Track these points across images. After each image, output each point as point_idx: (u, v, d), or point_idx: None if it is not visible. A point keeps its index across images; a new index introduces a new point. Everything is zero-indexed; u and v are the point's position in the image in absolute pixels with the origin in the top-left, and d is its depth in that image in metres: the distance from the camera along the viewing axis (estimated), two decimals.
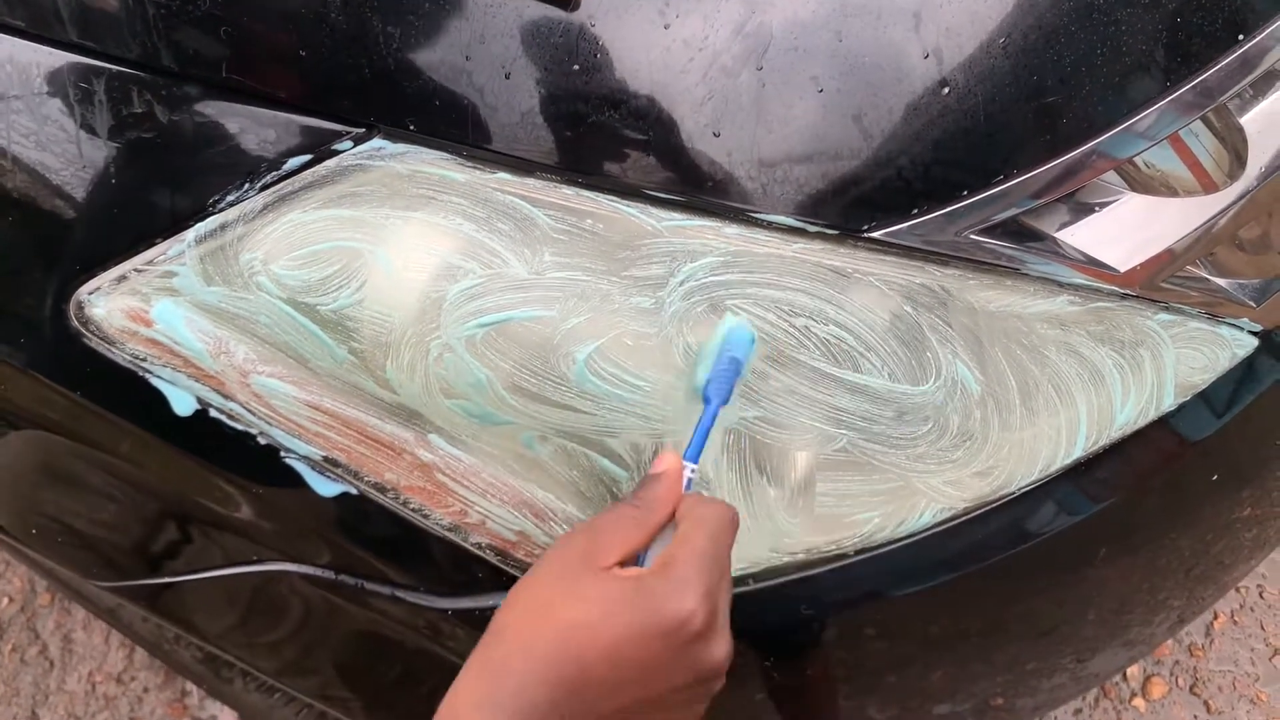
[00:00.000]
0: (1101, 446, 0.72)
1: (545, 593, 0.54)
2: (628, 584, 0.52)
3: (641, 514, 0.57)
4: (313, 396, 0.65)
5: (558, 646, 0.51)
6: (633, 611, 0.51)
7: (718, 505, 0.57)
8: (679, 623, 0.51)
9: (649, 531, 0.56)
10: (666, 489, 0.58)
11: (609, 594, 0.52)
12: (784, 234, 0.64)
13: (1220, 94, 0.67)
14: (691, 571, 0.53)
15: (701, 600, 0.52)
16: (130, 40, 0.62)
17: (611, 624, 0.51)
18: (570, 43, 0.61)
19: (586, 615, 0.51)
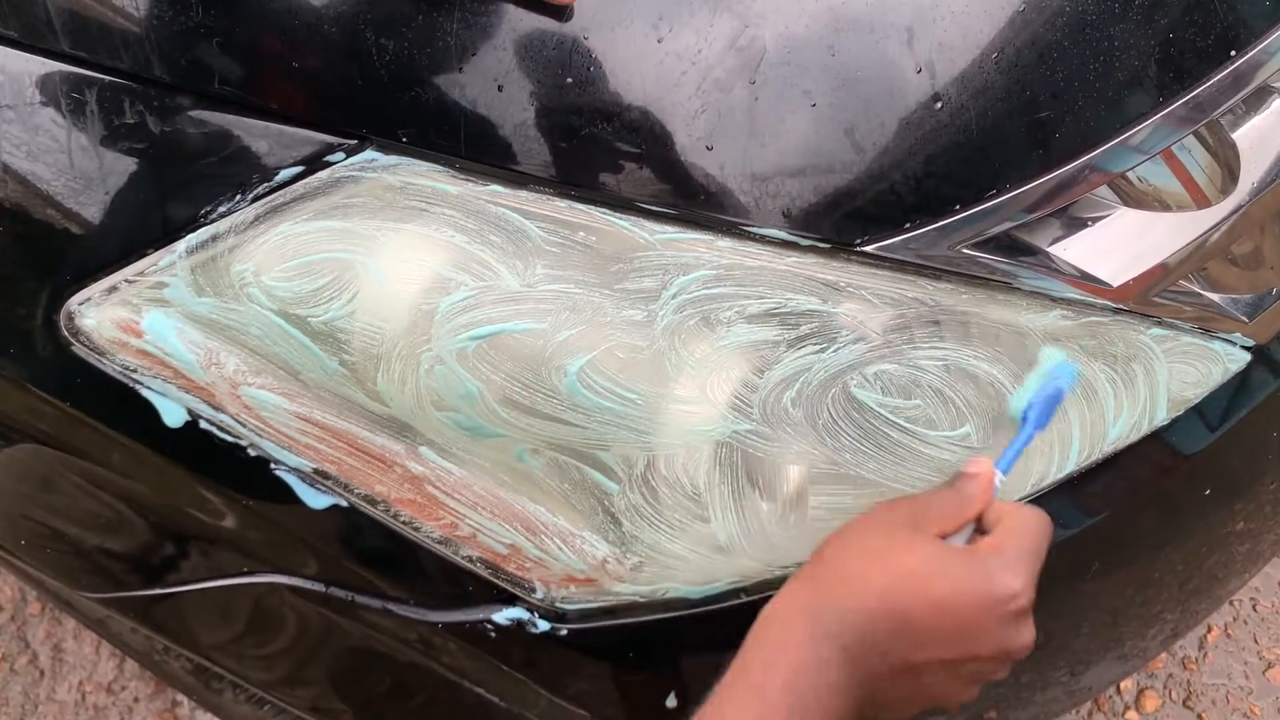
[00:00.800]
0: (1094, 461, 0.72)
1: (880, 538, 0.57)
2: (964, 552, 0.56)
3: (961, 502, 0.60)
4: (303, 408, 0.65)
5: (892, 585, 0.54)
6: (967, 574, 0.55)
7: (1040, 513, 0.59)
8: (1007, 596, 0.54)
9: (964, 520, 0.59)
10: (981, 487, 0.61)
11: (944, 554, 0.56)
12: (776, 247, 0.64)
13: (1213, 109, 0.67)
14: (1021, 558, 0.56)
15: (1029, 583, 0.55)
16: (122, 51, 0.62)
17: (944, 579, 0.54)
18: (563, 55, 0.61)
19: (923, 566, 0.55)
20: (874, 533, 0.58)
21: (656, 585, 0.68)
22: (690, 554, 0.67)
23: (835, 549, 0.58)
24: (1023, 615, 0.55)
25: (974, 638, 0.55)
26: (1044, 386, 0.66)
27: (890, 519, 0.59)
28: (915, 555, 0.55)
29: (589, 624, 0.70)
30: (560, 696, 0.74)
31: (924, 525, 0.58)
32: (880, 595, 0.54)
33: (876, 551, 0.56)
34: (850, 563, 0.56)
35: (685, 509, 0.66)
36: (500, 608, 0.70)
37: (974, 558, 0.56)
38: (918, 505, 0.59)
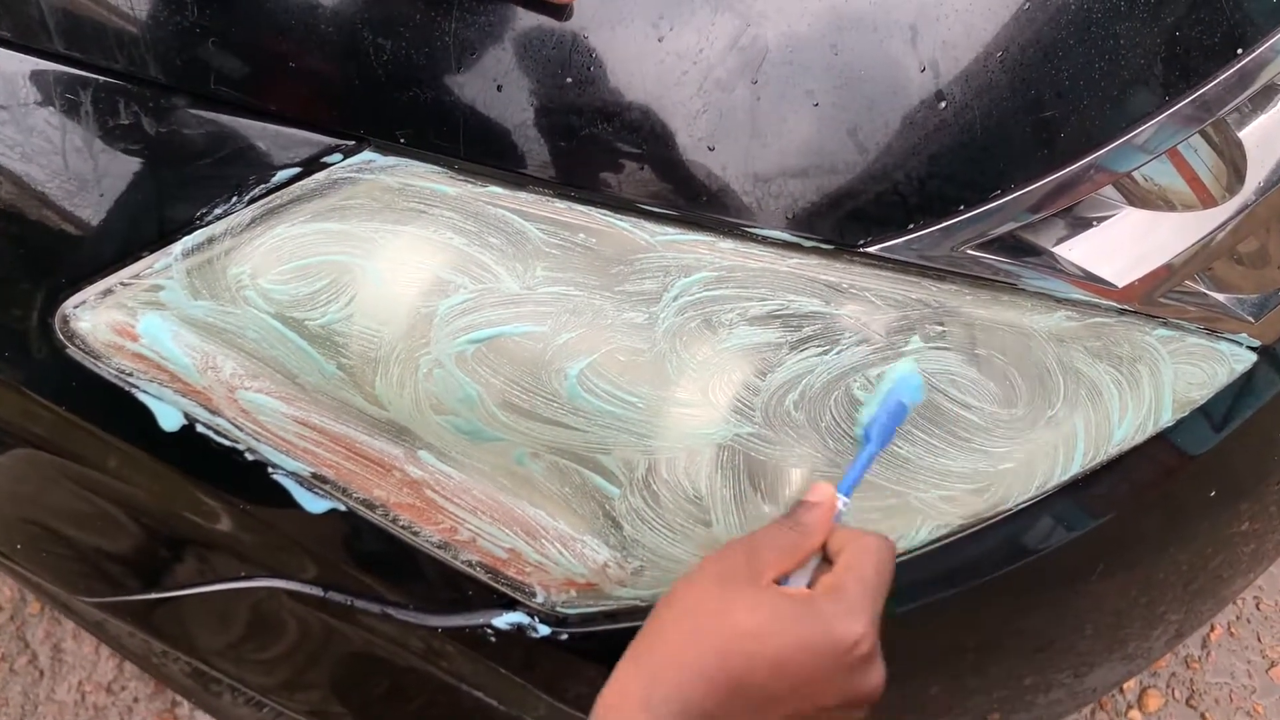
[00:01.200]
0: (1099, 463, 0.71)
1: (711, 598, 0.55)
2: (798, 601, 0.54)
3: (797, 538, 0.58)
4: (301, 412, 0.64)
5: (723, 650, 0.52)
6: (803, 627, 0.53)
7: (880, 538, 0.58)
8: (848, 644, 0.52)
9: (803, 555, 0.57)
10: (821, 517, 0.59)
11: (779, 608, 0.53)
12: (779, 249, 0.63)
13: (1219, 108, 0.66)
14: (861, 597, 0.54)
15: (871, 626, 0.53)
16: (117, 51, 0.61)
17: (780, 636, 0.52)
18: (563, 55, 0.60)
19: (756, 624, 0.53)
20: (703, 589, 0.55)
21: (658, 589, 0.68)
22: (692, 558, 0.67)
23: (663, 622, 0.55)
24: (867, 659, 0.53)
25: (816, 689, 0.53)
26: (886, 401, 0.63)
27: (719, 573, 0.56)
28: (749, 613, 0.53)
29: (590, 628, 0.69)
30: (561, 701, 0.74)
31: (758, 571, 0.55)
32: (716, 665, 0.52)
33: (708, 612, 0.54)
34: (681, 636, 0.54)
35: (687, 512, 0.65)
36: (500, 612, 0.69)
37: (809, 607, 0.53)
38: (752, 547, 0.57)
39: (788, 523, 0.59)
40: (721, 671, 0.52)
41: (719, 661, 0.52)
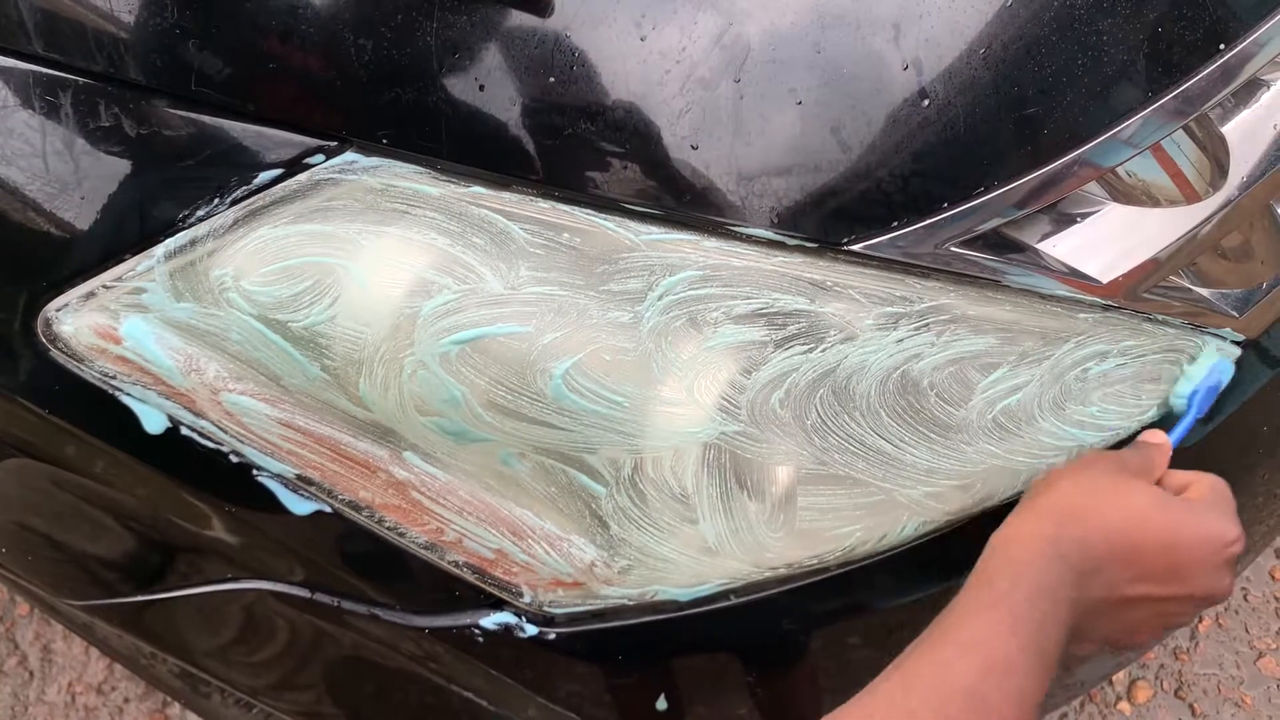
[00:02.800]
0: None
1: (1108, 478, 0.62)
2: (1186, 500, 0.62)
3: (1149, 463, 0.66)
4: (285, 414, 0.64)
5: (1124, 521, 0.59)
6: (1190, 518, 0.60)
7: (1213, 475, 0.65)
8: (1227, 540, 0.60)
9: (1150, 479, 0.65)
10: (1163, 454, 0.67)
11: (1167, 498, 0.61)
12: (763, 247, 0.63)
13: (1202, 103, 0.66)
14: (1231, 508, 0.63)
15: (1240, 529, 0.61)
16: (97, 52, 0.61)
17: (1171, 520, 0.60)
18: (545, 54, 0.60)
19: (1150, 506, 0.60)
20: (1100, 475, 0.62)
21: (645, 588, 0.68)
22: (679, 556, 0.67)
23: (1065, 487, 0.62)
24: (1233, 561, 0.61)
25: (1189, 576, 0.60)
26: (1208, 377, 0.72)
27: (1105, 466, 0.63)
28: (1143, 496, 0.60)
29: (577, 628, 0.69)
30: (550, 700, 0.74)
31: (1136, 475, 0.63)
32: (1114, 529, 0.59)
33: (1107, 490, 0.61)
34: (1083, 498, 0.61)
35: (673, 511, 0.65)
36: (488, 612, 0.69)
37: (1195, 505, 0.61)
38: (1122, 459, 0.65)
39: (1136, 453, 0.66)
40: (1122, 534, 0.59)
41: (1122, 526, 0.59)
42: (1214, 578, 0.61)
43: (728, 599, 0.68)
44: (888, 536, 0.68)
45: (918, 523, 0.69)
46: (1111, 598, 0.60)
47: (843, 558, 0.68)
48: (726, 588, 0.68)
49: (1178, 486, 0.65)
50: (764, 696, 0.75)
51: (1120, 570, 0.59)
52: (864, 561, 0.69)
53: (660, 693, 0.73)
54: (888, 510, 0.68)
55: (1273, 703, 1.38)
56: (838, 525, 0.67)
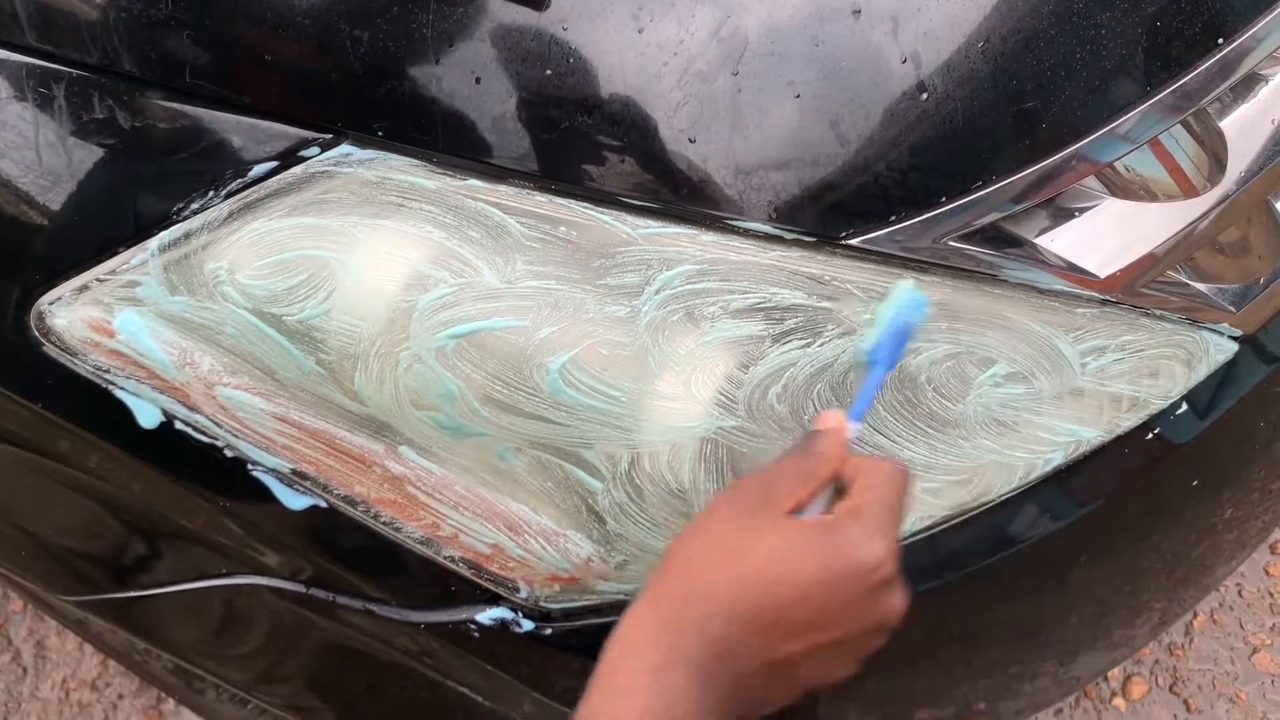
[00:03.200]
0: (1083, 453, 0.71)
1: (729, 533, 0.54)
2: (818, 529, 0.53)
3: (810, 466, 0.56)
4: (280, 408, 0.64)
5: (744, 581, 0.52)
6: (824, 553, 0.52)
7: (893, 463, 0.57)
8: (871, 567, 0.52)
9: (817, 484, 0.56)
10: (833, 445, 0.58)
11: (798, 536, 0.53)
12: (761, 241, 0.63)
13: (1200, 98, 0.66)
14: (880, 520, 0.53)
15: (890, 549, 0.53)
16: (90, 44, 0.61)
17: (801, 564, 0.52)
18: (542, 47, 0.60)
19: (776, 554, 0.52)
20: (720, 525, 0.55)
21: (641, 583, 0.67)
22: None
23: (679, 558, 0.54)
24: (888, 582, 0.53)
25: (845, 616, 0.52)
26: (891, 323, 0.61)
27: (738, 503, 0.55)
28: (766, 544, 0.52)
29: (574, 623, 0.69)
30: (546, 695, 0.74)
31: (773, 502, 0.55)
32: (736, 597, 0.51)
33: (725, 551, 0.53)
34: (698, 570, 0.53)
35: (670, 506, 0.65)
36: (484, 608, 0.69)
37: (831, 531, 0.53)
38: (765, 480, 0.56)
39: (799, 452, 0.57)
40: (743, 602, 0.51)
41: (740, 593, 0.52)
42: (872, 608, 0.53)
43: None
44: None
45: (915, 518, 0.68)
46: (769, 662, 0.52)
47: None
48: None
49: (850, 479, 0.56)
50: None
51: (762, 637, 0.52)
52: None
53: None
54: None
55: (1267, 698, 1.39)
56: None
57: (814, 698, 0.78)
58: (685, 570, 0.54)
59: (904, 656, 0.77)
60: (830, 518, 0.54)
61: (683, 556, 0.54)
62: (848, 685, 0.78)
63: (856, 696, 0.80)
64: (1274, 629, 1.43)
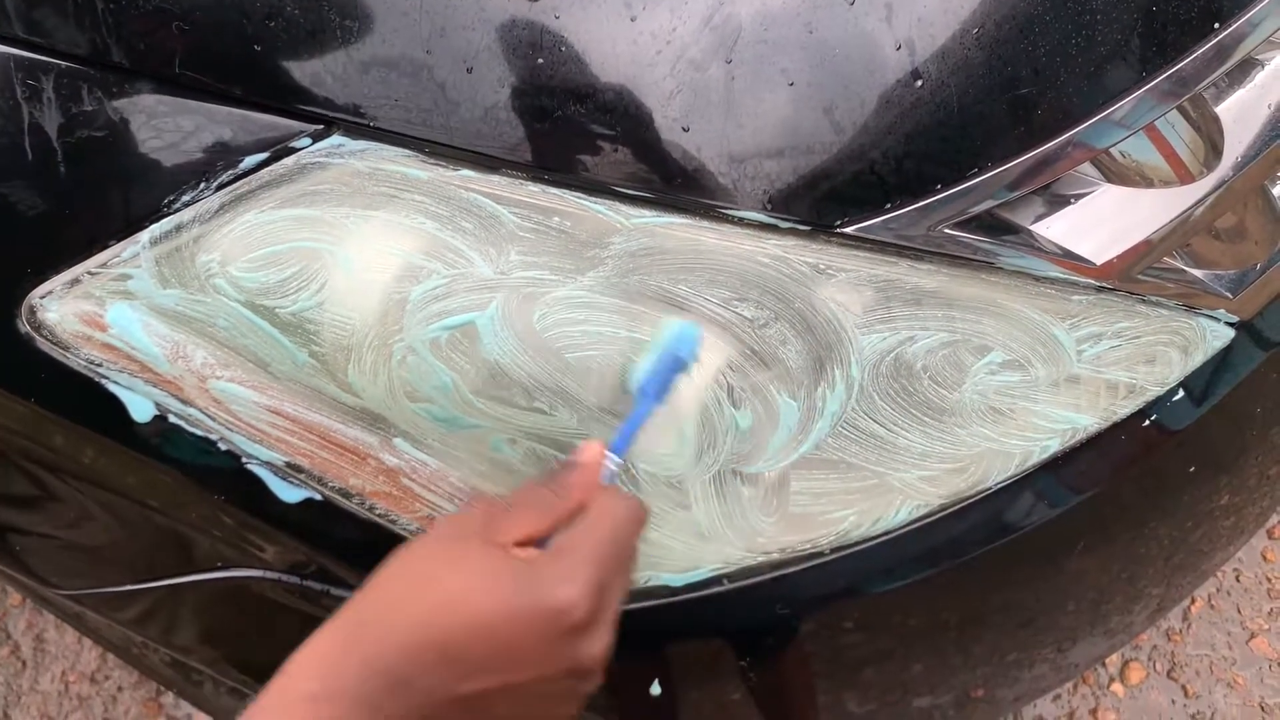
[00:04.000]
0: (1079, 440, 0.71)
1: (428, 557, 0.51)
2: (516, 564, 0.50)
3: (551, 499, 0.54)
4: (273, 401, 0.64)
5: (427, 614, 0.48)
6: (515, 591, 0.49)
7: (628, 500, 0.55)
8: (559, 611, 0.49)
9: (556, 517, 0.54)
10: (583, 477, 0.55)
11: (494, 569, 0.49)
12: (755, 230, 0.63)
13: (1196, 83, 0.66)
14: (585, 562, 0.50)
15: (587, 593, 0.49)
16: (79, 35, 0.60)
17: (490, 600, 0.48)
18: (534, 35, 0.59)
19: (466, 586, 0.49)
20: (425, 547, 0.52)
21: (638, 574, 0.67)
22: (672, 541, 0.66)
23: (377, 577, 0.51)
24: (582, 629, 0.50)
25: (529, 659, 0.49)
26: (661, 357, 0.60)
27: (458, 525, 0.53)
28: (460, 575, 0.49)
29: None
30: None
31: (496, 532, 0.52)
32: (412, 629, 0.48)
33: (419, 572, 0.51)
34: (385, 593, 0.50)
35: (666, 496, 0.65)
36: None
37: (527, 571, 0.49)
38: (498, 505, 0.54)
39: (545, 482, 0.55)
40: (423, 637, 0.48)
41: (422, 626, 0.48)
42: (561, 654, 0.50)
43: (721, 584, 0.68)
44: (881, 520, 0.68)
45: (911, 507, 0.68)
46: (447, 701, 0.49)
47: (836, 542, 0.68)
48: (720, 573, 0.68)
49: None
50: (757, 681, 0.75)
51: (441, 672, 0.48)
52: (857, 546, 0.69)
53: (654, 678, 0.73)
54: (881, 494, 0.67)
55: (1265, 683, 1.39)
56: (831, 509, 0.67)
57: (810, 690, 0.79)
58: (375, 593, 0.51)
59: (902, 644, 0.78)
60: (536, 553, 0.52)
61: (381, 576, 0.51)
62: (843, 675, 0.78)
63: (853, 685, 0.80)
64: (1272, 614, 1.44)
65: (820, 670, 0.77)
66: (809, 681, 0.78)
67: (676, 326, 0.61)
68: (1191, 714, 1.38)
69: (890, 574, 0.71)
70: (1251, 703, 1.38)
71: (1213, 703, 1.38)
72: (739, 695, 0.76)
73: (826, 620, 0.73)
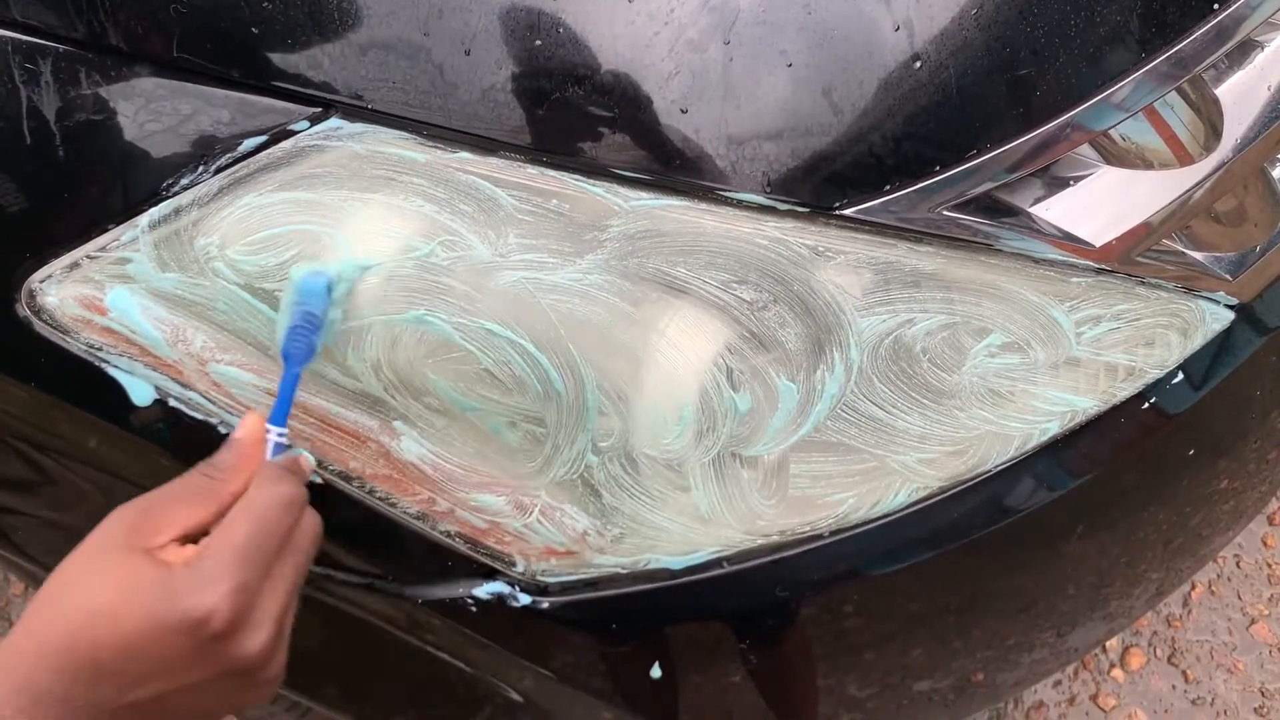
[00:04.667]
0: (1079, 423, 0.71)
1: (76, 571, 0.50)
2: (157, 572, 0.49)
3: (209, 484, 0.53)
4: (273, 385, 0.64)
5: (72, 633, 0.48)
6: (152, 603, 0.48)
7: (277, 488, 0.53)
8: (196, 621, 0.48)
9: (217, 504, 0.52)
10: (240, 456, 0.54)
11: (136, 580, 0.48)
12: (754, 212, 0.63)
13: (1196, 64, 0.66)
14: (222, 565, 0.49)
15: (227, 596, 0.48)
16: (76, 19, 0.60)
17: (129, 613, 0.48)
18: (532, 17, 0.59)
19: (106, 601, 0.48)
20: (75, 560, 0.50)
21: (638, 556, 0.68)
22: (671, 524, 0.67)
23: (42, 592, 0.50)
24: (228, 633, 0.48)
25: (179, 667, 0.48)
26: (294, 315, 0.58)
27: (108, 532, 0.51)
28: (101, 589, 0.48)
29: (571, 597, 0.69)
30: (543, 669, 0.74)
31: (146, 534, 0.50)
32: (61, 650, 0.47)
33: (67, 588, 0.49)
34: (38, 612, 0.49)
35: (666, 479, 0.65)
36: (480, 582, 0.69)
37: (164, 580, 0.48)
38: (146, 506, 0.52)
39: (203, 467, 0.53)
40: (69, 655, 0.47)
41: (68, 644, 0.47)
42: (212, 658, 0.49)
43: (721, 567, 0.68)
44: (881, 503, 0.68)
45: (911, 489, 0.68)
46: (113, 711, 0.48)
47: (836, 524, 0.68)
48: (719, 555, 0.68)
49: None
50: (757, 664, 0.75)
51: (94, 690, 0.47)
52: (857, 528, 0.69)
53: (654, 661, 0.73)
54: (881, 477, 0.68)
55: (1265, 668, 1.39)
56: (830, 492, 0.67)
57: (810, 673, 0.79)
58: (34, 610, 0.49)
59: (902, 628, 0.78)
60: (174, 557, 0.50)
61: (41, 591, 0.50)
62: (844, 659, 0.78)
63: (854, 669, 0.80)
64: (1272, 600, 1.44)
65: (820, 653, 0.77)
66: (809, 664, 0.78)
67: (298, 279, 0.58)
68: (1192, 699, 1.38)
69: (889, 557, 0.71)
70: (1251, 688, 1.38)
71: (1213, 688, 1.38)
72: (739, 678, 0.76)
73: (826, 603, 0.73)
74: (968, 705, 0.94)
